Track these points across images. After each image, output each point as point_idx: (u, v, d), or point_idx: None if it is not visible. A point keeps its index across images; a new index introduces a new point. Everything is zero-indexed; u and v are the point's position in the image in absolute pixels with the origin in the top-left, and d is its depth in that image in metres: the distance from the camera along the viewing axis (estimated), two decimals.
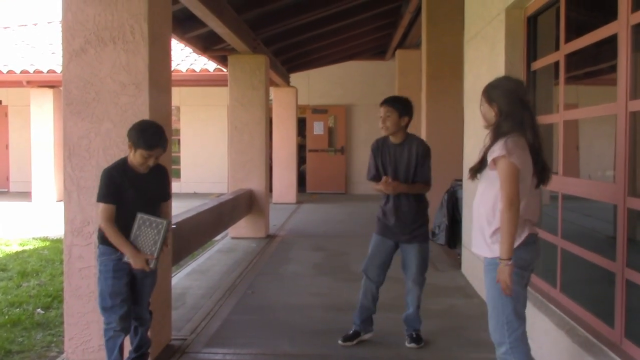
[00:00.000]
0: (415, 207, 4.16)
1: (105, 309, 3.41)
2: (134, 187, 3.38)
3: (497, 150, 2.81)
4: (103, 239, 3.40)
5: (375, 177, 4.22)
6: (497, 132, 2.91)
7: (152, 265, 3.34)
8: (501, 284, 2.78)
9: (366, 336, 4.30)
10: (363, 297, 4.31)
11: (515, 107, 2.90)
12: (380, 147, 4.23)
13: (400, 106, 4.10)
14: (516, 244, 2.85)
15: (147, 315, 3.65)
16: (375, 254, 4.27)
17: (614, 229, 3.23)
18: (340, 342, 4.21)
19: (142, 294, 3.57)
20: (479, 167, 3.00)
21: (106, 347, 3.44)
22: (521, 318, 2.90)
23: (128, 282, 3.45)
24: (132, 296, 3.51)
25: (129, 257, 3.31)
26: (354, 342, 4.23)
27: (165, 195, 3.67)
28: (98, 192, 3.37)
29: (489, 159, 2.87)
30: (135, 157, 3.36)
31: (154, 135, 3.37)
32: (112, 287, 3.38)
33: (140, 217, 3.33)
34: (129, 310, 3.44)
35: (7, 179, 15.94)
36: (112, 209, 3.31)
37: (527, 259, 2.90)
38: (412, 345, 4.15)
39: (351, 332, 4.28)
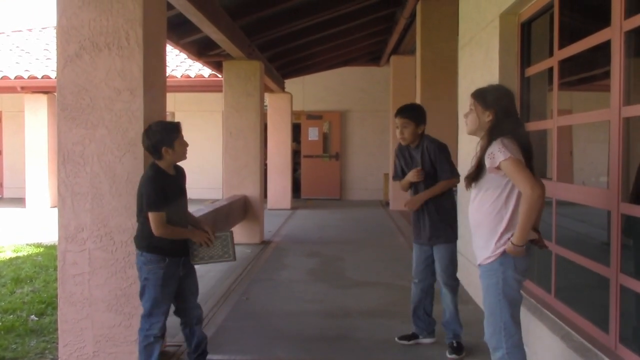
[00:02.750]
0: (438, 208, 4.19)
1: (151, 315, 3.48)
2: (169, 191, 3.47)
3: (499, 153, 2.81)
4: (149, 247, 3.46)
5: (399, 178, 4.36)
6: (491, 136, 2.92)
7: (234, 259, 3.73)
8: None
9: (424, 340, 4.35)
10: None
11: (510, 112, 2.94)
12: (402, 150, 4.33)
13: (416, 116, 4.16)
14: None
15: (199, 312, 3.76)
16: (416, 261, 4.32)
17: (608, 235, 3.24)
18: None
19: (190, 293, 3.69)
20: (476, 174, 2.98)
21: (144, 353, 3.49)
22: (517, 323, 2.92)
23: (175, 289, 3.56)
24: (181, 299, 3.65)
25: (194, 238, 3.55)
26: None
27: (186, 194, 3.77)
28: (146, 201, 3.40)
29: (490, 164, 2.85)
30: (177, 152, 3.48)
31: (167, 122, 3.61)
32: (162, 294, 3.47)
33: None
34: (166, 318, 3.54)
35: (1, 184, 15.87)
36: (164, 215, 3.38)
37: (526, 265, 2.92)
38: (453, 356, 4.07)
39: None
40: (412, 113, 4.17)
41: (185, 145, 3.55)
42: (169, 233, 3.42)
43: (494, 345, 2.93)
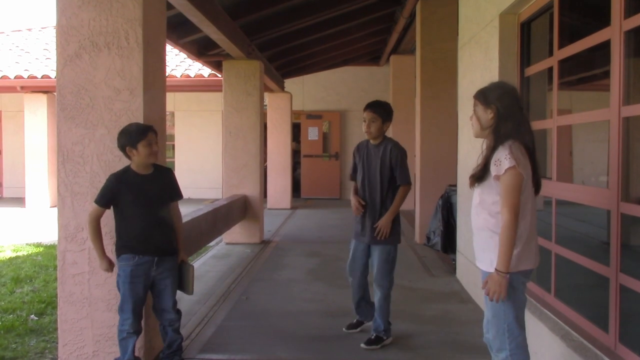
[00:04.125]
0: (382, 210, 4.34)
1: (121, 311, 3.60)
2: (134, 190, 3.59)
3: (505, 160, 2.74)
4: (118, 246, 3.64)
5: (353, 178, 4.61)
6: (497, 135, 2.85)
7: (190, 293, 3.91)
8: (494, 295, 2.77)
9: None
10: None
11: (514, 109, 2.88)
12: (359, 148, 4.54)
13: (385, 112, 4.34)
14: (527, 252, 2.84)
15: (173, 316, 3.81)
16: (352, 257, 4.55)
17: (607, 234, 3.24)
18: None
19: (164, 295, 3.74)
20: (481, 175, 2.90)
21: (120, 346, 3.63)
22: (522, 325, 2.88)
23: (146, 287, 3.65)
24: (156, 299, 3.74)
25: (100, 263, 3.65)
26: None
27: (172, 195, 3.82)
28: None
29: (496, 171, 2.78)
30: (140, 154, 3.56)
31: (137, 125, 3.63)
32: (129, 291, 3.58)
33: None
34: (140, 315, 3.63)
35: (1, 184, 15.87)
36: (101, 211, 3.59)
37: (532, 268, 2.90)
38: (363, 346, 4.26)
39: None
40: (381, 109, 4.34)
41: (150, 148, 3.58)
42: (91, 232, 3.59)
43: (497, 346, 2.89)
